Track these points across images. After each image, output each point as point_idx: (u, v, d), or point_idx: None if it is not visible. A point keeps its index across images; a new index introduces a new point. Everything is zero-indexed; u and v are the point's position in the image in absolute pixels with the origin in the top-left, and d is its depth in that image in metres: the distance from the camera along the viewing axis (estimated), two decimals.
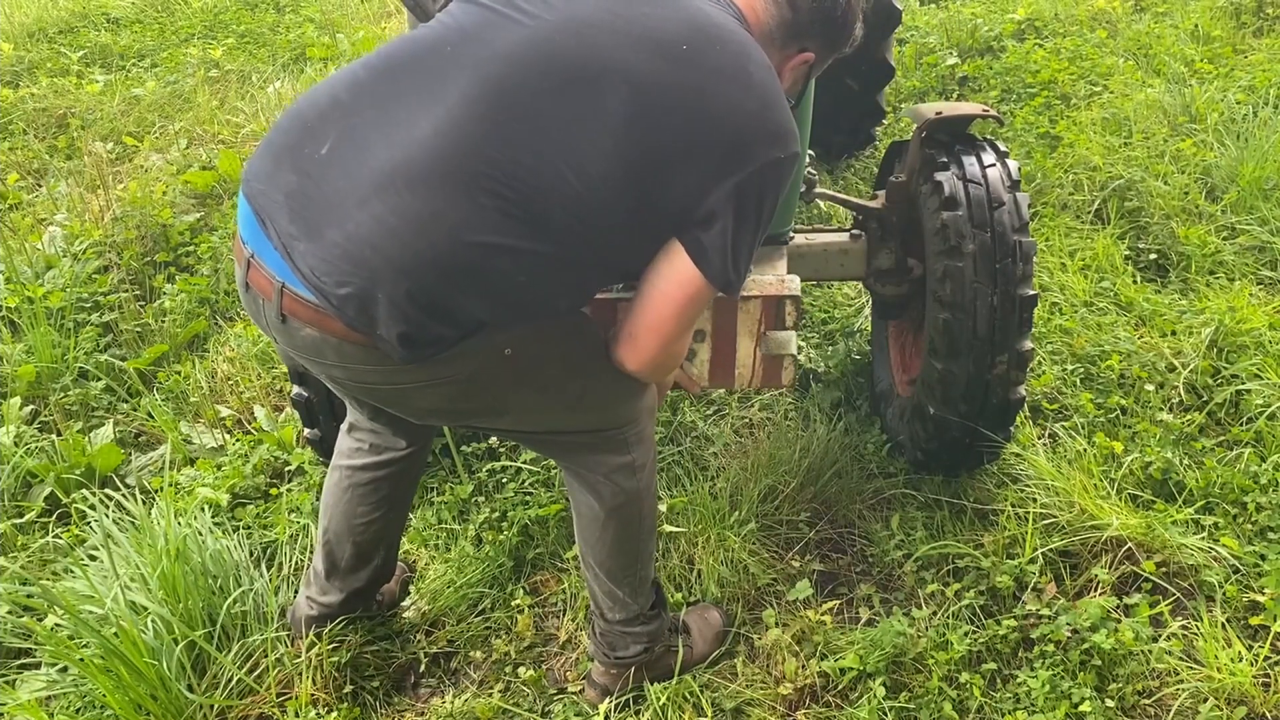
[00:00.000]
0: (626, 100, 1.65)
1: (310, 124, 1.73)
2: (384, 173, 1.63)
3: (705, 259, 1.73)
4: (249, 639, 2.34)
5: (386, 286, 1.61)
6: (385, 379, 1.76)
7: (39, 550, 2.70)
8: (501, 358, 1.75)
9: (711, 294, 1.78)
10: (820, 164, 4.34)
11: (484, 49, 1.70)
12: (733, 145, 1.70)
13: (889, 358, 3.01)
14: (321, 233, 1.64)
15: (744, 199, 1.71)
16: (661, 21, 1.73)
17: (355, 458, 2.26)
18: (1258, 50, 5.16)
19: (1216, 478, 2.68)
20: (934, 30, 5.68)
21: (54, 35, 6.93)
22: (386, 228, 1.61)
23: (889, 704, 2.20)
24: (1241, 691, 2.17)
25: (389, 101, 1.70)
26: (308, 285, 1.66)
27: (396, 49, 1.79)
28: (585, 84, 1.66)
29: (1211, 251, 3.66)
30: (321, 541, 2.33)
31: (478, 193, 1.62)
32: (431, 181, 1.62)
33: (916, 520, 2.68)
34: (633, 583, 2.18)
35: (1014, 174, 2.51)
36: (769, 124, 1.74)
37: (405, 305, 1.62)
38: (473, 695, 2.32)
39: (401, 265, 1.61)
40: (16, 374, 3.39)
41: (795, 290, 2.32)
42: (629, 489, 2.06)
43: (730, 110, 1.71)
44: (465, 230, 1.62)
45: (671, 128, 1.68)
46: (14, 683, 2.33)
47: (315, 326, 1.70)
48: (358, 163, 1.65)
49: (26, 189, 4.91)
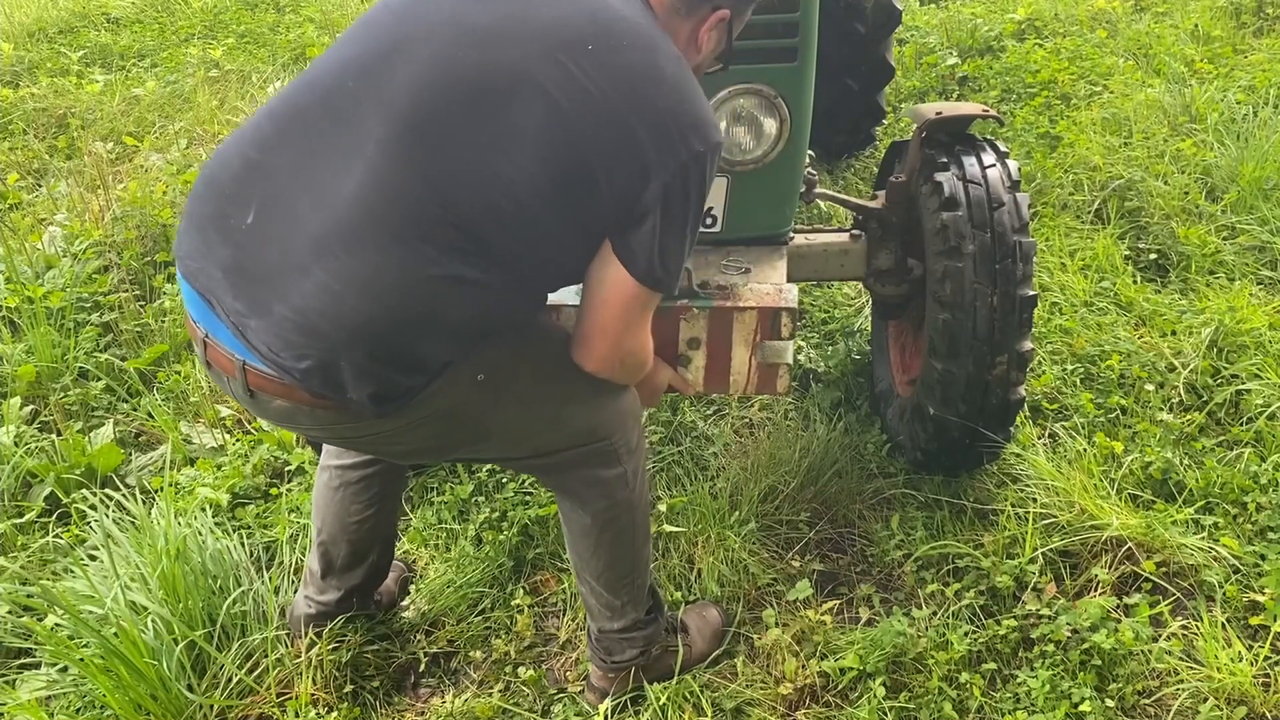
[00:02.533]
0: (538, 112, 1.60)
1: (227, 190, 1.68)
2: (318, 238, 1.59)
3: (632, 259, 1.69)
4: (249, 639, 2.34)
5: (345, 352, 1.59)
6: (364, 432, 1.76)
7: (39, 550, 2.70)
8: (475, 385, 1.74)
9: (647, 292, 1.73)
10: (820, 164, 4.34)
11: (386, 81, 1.63)
12: (653, 145, 1.65)
13: (889, 358, 3.01)
14: (269, 308, 1.61)
15: (670, 197, 1.67)
16: (563, 21, 1.66)
17: (343, 458, 2.26)
18: (1258, 50, 5.16)
19: (1216, 478, 2.68)
20: (934, 30, 5.67)
21: (54, 35, 6.93)
22: (333, 294, 1.58)
23: (889, 704, 2.20)
24: (1241, 691, 2.17)
25: (306, 161, 1.64)
26: (266, 362, 1.64)
27: (297, 94, 1.72)
28: (495, 101, 1.61)
29: (1211, 251, 3.66)
30: (316, 542, 2.34)
31: (413, 238, 1.59)
32: (366, 239, 1.58)
33: (916, 520, 2.68)
34: (630, 591, 2.17)
35: (1014, 174, 2.51)
36: (686, 118, 1.68)
37: (369, 365, 1.61)
38: (473, 695, 2.32)
39: (355, 328, 1.58)
40: (16, 374, 3.39)
41: (792, 302, 2.31)
42: (621, 500, 2.05)
43: (645, 109, 1.65)
44: (409, 278, 1.59)
45: (588, 135, 1.63)
46: (14, 683, 2.33)
47: (284, 398, 1.69)
48: (289, 230, 1.61)
49: (26, 189, 4.91)
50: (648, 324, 1.83)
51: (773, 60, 2.27)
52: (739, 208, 2.44)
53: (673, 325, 2.32)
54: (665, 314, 2.31)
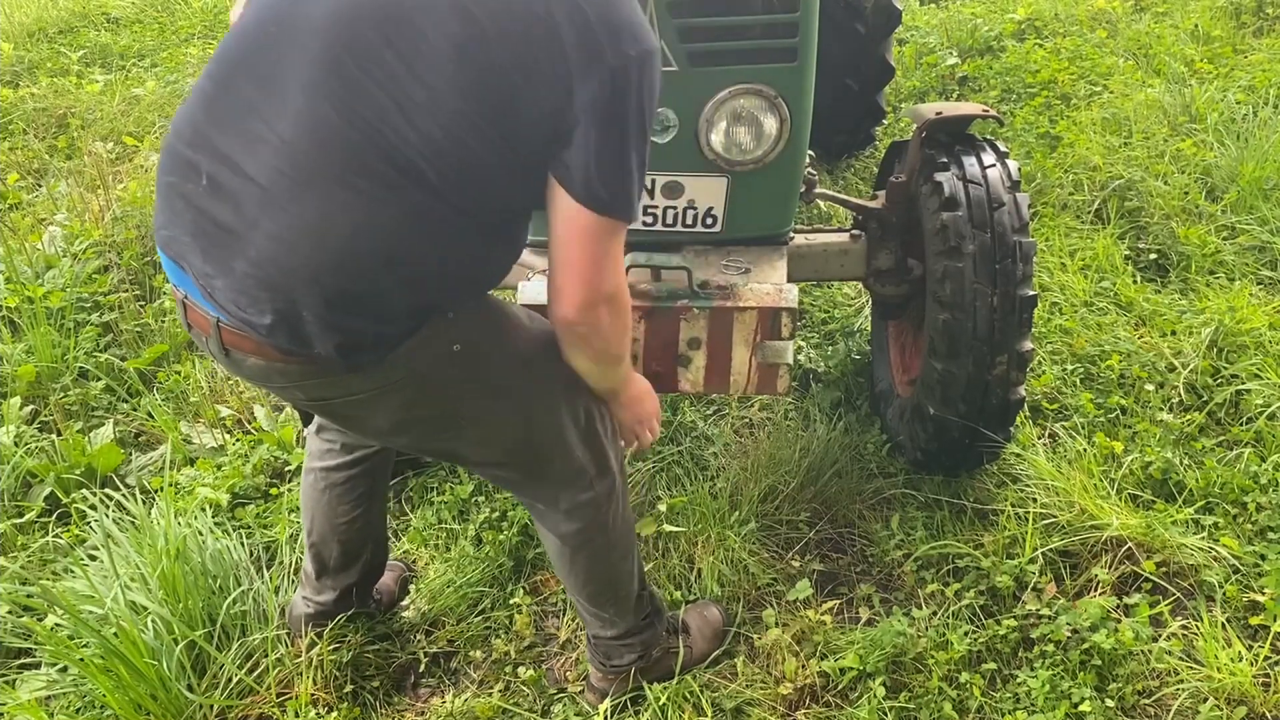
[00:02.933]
0: (454, 28, 1.54)
1: (183, 156, 1.67)
2: (264, 191, 1.58)
3: (569, 179, 1.60)
4: (249, 639, 2.34)
5: (304, 301, 1.58)
6: (337, 391, 1.73)
7: (39, 550, 2.70)
8: (450, 354, 1.71)
9: (597, 218, 1.62)
10: (820, 164, 4.34)
11: (300, 21, 1.60)
12: (576, 54, 1.55)
13: (889, 358, 3.01)
14: (231, 266, 1.61)
15: (601, 107, 1.57)
16: None
17: (328, 459, 2.25)
18: (1258, 50, 5.16)
19: (1216, 478, 2.68)
20: (934, 30, 5.67)
21: (54, 35, 6.93)
22: (284, 245, 1.57)
23: (889, 704, 2.20)
24: (1241, 691, 2.17)
25: (245, 115, 1.62)
26: (236, 320, 1.64)
27: (229, 49, 1.69)
28: (407, 26, 1.55)
29: (1211, 251, 3.66)
30: (308, 544, 2.33)
31: (351, 178, 1.55)
32: (306, 185, 1.56)
33: (916, 520, 2.68)
34: (616, 604, 2.16)
35: (1014, 174, 2.51)
36: (611, 22, 1.57)
37: (328, 314, 1.59)
38: (473, 695, 2.32)
39: (309, 276, 1.57)
40: (16, 374, 3.39)
41: (792, 302, 2.31)
42: (593, 524, 2.02)
43: (566, 16, 1.55)
44: (354, 220, 1.56)
45: (506, 49, 1.55)
46: (14, 683, 2.33)
47: (257, 355, 1.68)
48: (239, 187, 1.60)
49: (26, 189, 4.91)
50: (618, 259, 1.70)
51: (773, 60, 2.27)
52: (739, 208, 2.44)
53: (673, 325, 2.32)
54: (665, 314, 2.32)
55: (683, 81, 2.24)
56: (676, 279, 2.35)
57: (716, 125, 2.31)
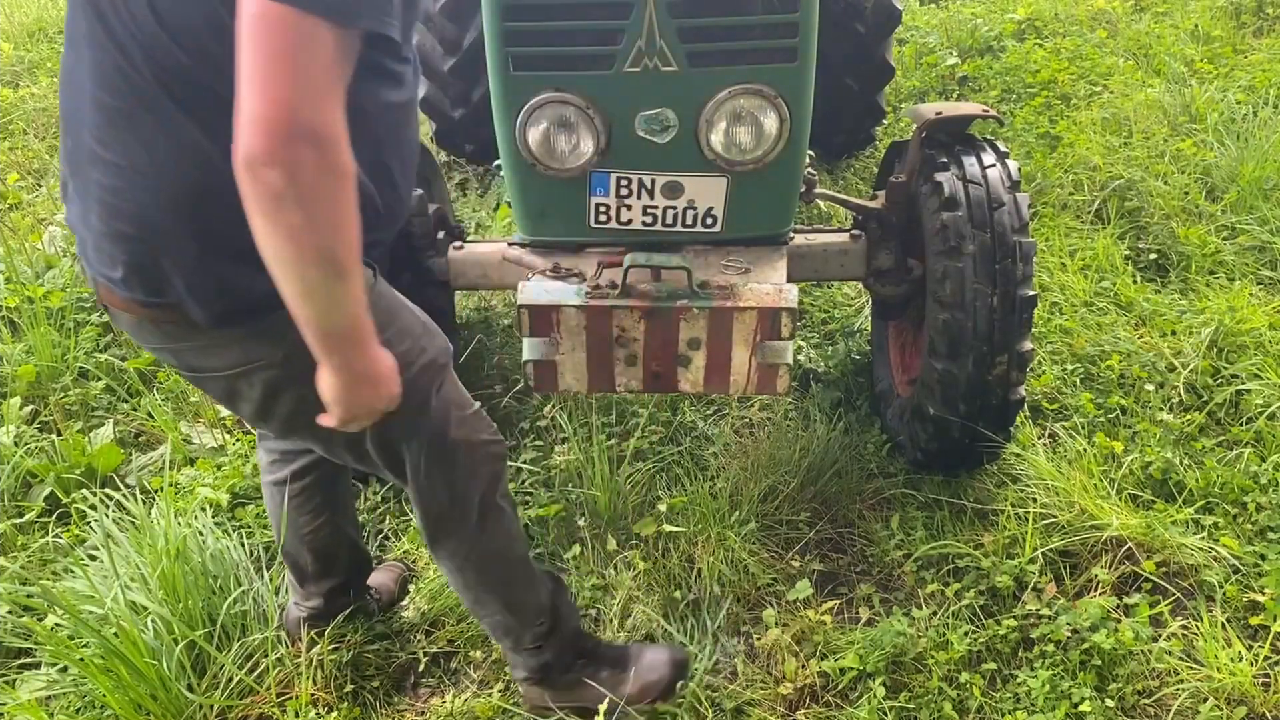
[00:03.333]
0: None
1: (61, 124, 1.69)
2: (85, 147, 1.59)
3: None
4: (249, 639, 2.34)
5: (142, 247, 1.57)
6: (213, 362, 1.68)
7: (39, 550, 2.70)
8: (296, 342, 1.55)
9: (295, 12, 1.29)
10: (820, 164, 4.34)
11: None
12: None
13: (889, 358, 3.01)
14: (90, 223, 1.62)
15: None
16: None
17: (274, 471, 2.25)
18: (1258, 50, 5.16)
19: (1216, 478, 2.68)
20: (934, 30, 5.68)
21: (54, 35, 6.93)
22: (114, 193, 1.56)
23: (889, 704, 2.20)
24: (1241, 691, 2.17)
25: (73, 70, 1.61)
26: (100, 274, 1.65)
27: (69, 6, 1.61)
28: None
29: (1211, 251, 3.67)
30: (282, 554, 2.33)
31: (140, 114, 1.51)
32: (107, 131, 1.55)
33: (916, 520, 2.68)
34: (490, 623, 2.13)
35: (1014, 174, 2.51)
36: None
37: (165, 258, 1.57)
38: (473, 695, 2.32)
39: (140, 220, 1.55)
40: (16, 374, 3.39)
41: (792, 303, 2.31)
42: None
43: None
44: (158, 155, 1.52)
45: None
46: (14, 683, 2.33)
47: (126, 311, 1.67)
48: (77, 144, 1.61)
49: (26, 189, 4.91)
50: (329, 82, 1.34)
51: (773, 60, 2.27)
52: (739, 208, 2.44)
53: (673, 325, 2.32)
54: (665, 314, 2.32)
55: (683, 81, 2.24)
56: (676, 279, 2.35)
57: (716, 125, 2.31)
